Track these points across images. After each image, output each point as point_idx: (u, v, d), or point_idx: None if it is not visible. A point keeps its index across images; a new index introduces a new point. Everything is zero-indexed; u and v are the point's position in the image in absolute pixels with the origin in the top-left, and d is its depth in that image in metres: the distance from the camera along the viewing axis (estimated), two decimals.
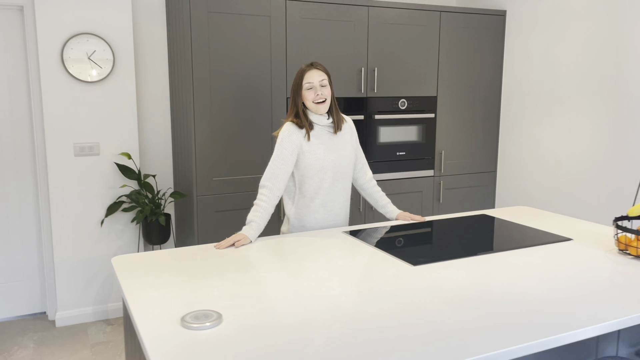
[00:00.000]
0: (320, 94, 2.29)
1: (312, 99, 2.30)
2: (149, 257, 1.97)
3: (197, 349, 1.28)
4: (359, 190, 2.60)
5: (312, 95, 2.29)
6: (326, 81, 2.31)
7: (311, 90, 2.29)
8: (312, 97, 2.29)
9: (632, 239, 1.97)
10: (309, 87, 2.29)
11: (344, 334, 1.36)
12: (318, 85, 2.29)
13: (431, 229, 2.38)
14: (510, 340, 1.32)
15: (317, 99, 2.29)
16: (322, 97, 2.30)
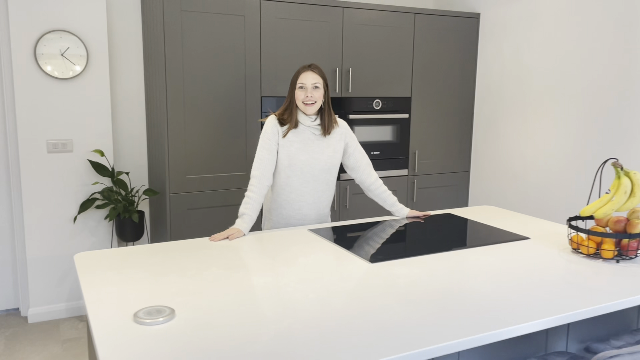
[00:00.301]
0: (310, 96, 2.37)
1: (301, 99, 2.38)
2: (113, 254, 1.99)
3: (148, 344, 1.31)
4: (366, 192, 2.64)
5: (302, 96, 2.37)
6: (320, 85, 2.38)
7: (302, 90, 2.37)
8: (302, 97, 2.38)
9: (584, 239, 2.03)
10: (301, 87, 2.37)
11: (292, 328, 1.40)
12: (310, 87, 2.36)
13: (395, 227, 2.43)
14: (452, 334, 1.37)
15: (307, 100, 2.37)
16: (311, 100, 2.37)
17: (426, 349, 1.31)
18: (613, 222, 2.03)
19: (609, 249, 1.95)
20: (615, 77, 3.22)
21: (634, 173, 1.97)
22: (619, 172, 1.99)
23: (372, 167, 2.63)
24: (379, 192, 2.61)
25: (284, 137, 2.40)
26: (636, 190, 1.97)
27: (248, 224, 2.29)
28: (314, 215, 2.53)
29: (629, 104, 3.16)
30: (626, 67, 3.16)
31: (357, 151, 2.58)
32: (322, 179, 2.49)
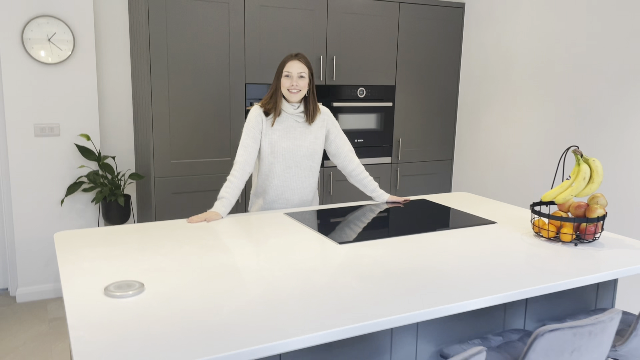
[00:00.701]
0: (296, 85, 2.45)
1: (287, 87, 2.46)
2: (92, 233, 2.07)
3: (116, 316, 1.39)
4: (348, 178, 2.71)
5: (287, 84, 2.46)
6: (305, 74, 2.46)
7: (288, 79, 2.45)
8: (287, 85, 2.46)
9: (546, 223, 2.11)
10: (287, 75, 2.45)
11: (253, 302, 1.48)
12: (296, 76, 2.44)
13: (371, 212, 2.50)
14: (408, 307, 1.45)
15: (292, 88, 2.45)
16: (296, 88, 2.45)
17: (378, 321, 1.39)
18: (574, 208, 2.11)
19: (568, 232, 2.04)
20: (593, 67, 3.29)
21: (592, 160, 2.05)
22: (578, 159, 2.07)
23: (355, 153, 2.71)
24: (360, 177, 2.69)
25: (271, 126, 2.49)
26: (595, 176, 2.04)
27: (226, 208, 2.37)
28: (297, 200, 2.61)
29: (606, 93, 3.23)
30: (605, 56, 3.23)
31: (338, 138, 2.65)
32: (305, 165, 2.57)
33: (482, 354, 1.34)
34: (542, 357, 1.47)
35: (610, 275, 1.80)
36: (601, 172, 2.03)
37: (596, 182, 2.04)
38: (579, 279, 1.73)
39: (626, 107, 3.12)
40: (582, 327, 1.47)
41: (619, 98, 3.15)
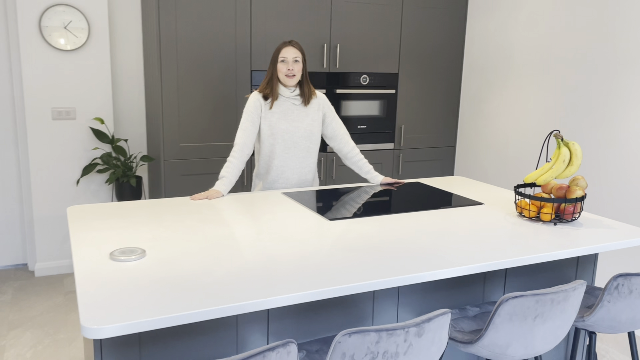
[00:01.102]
0: (291, 69, 2.59)
1: (284, 72, 2.60)
2: (101, 208, 2.24)
3: (119, 276, 1.55)
4: (344, 160, 2.86)
5: (284, 69, 2.60)
6: (299, 59, 2.60)
7: (284, 64, 2.60)
8: (284, 70, 2.60)
9: (528, 203, 2.23)
10: (283, 60, 2.60)
11: (242, 267, 1.63)
12: (291, 61, 2.59)
13: (365, 193, 2.64)
14: (382, 274, 1.59)
15: (288, 72, 2.60)
16: (292, 72, 2.60)
17: (356, 285, 1.53)
18: (556, 189, 2.21)
19: (547, 212, 2.15)
20: (590, 55, 3.36)
21: (572, 144, 2.15)
22: (559, 143, 2.17)
23: (350, 137, 2.84)
24: (355, 159, 2.82)
25: (270, 109, 2.63)
26: (574, 159, 2.15)
27: (227, 186, 2.53)
28: (297, 179, 2.76)
29: (602, 80, 3.31)
30: (603, 43, 3.30)
31: (334, 121, 2.79)
32: (303, 146, 2.71)
33: (446, 315, 1.47)
34: (507, 322, 1.59)
35: (584, 250, 1.91)
36: (580, 155, 2.13)
37: (575, 165, 2.15)
38: (555, 252, 1.85)
39: (619, 94, 3.19)
40: (544, 295, 1.59)
41: (613, 85, 3.23)
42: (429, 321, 1.42)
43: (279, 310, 1.74)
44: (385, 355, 1.38)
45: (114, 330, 1.27)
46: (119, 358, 1.52)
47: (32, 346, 2.87)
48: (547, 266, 2.24)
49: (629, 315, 1.83)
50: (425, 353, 1.45)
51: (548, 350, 1.73)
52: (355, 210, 2.29)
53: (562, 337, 1.72)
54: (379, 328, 1.35)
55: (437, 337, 1.47)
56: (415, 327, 1.40)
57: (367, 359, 1.37)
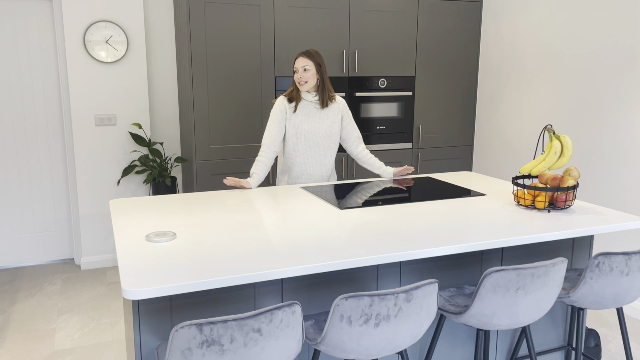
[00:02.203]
0: (301, 77, 2.87)
1: (297, 80, 2.90)
2: (139, 200, 2.53)
3: (154, 254, 1.82)
4: (356, 159, 3.12)
5: (296, 77, 2.90)
6: (308, 67, 2.88)
7: (296, 73, 2.90)
8: (296, 79, 2.90)
9: (525, 193, 2.41)
10: (295, 70, 2.90)
11: (259, 247, 1.88)
12: (300, 70, 2.87)
13: (376, 186, 2.86)
14: (381, 251, 1.81)
15: (300, 81, 2.89)
16: (303, 80, 2.88)
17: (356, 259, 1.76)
18: (551, 179, 2.39)
19: (542, 200, 2.32)
20: (599, 55, 3.50)
21: (563, 137, 2.32)
22: (551, 136, 2.35)
23: (362, 141, 3.09)
24: (366, 158, 3.07)
25: (294, 113, 2.90)
26: (565, 151, 2.32)
27: (256, 181, 2.82)
28: (318, 175, 3.02)
29: (612, 79, 3.44)
30: (610, 43, 3.44)
31: (349, 125, 3.05)
32: (323, 145, 2.98)
33: (433, 285, 1.69)
34: (491, 293, 1.79)
35: (573, 233, 2.09)
36: (570, 146, 2.31)
37: (566, 156, 2.32)
38: (545, 234, 2.03)
39: (627, 93, 3.32)
40: (524, 269, 1.78)
41: (622, 84, 3.36)
42: (416, 289, 1.63)
43: (292, 286, 1.98)
44: (378, 317, 1.60)
45: (148, 293, 1.54)
46: (154, 322, 1.79)
47: (79, 329, 3.20)
48: (543, 251, 2.42)
49: (612, 291, 2.00)
50: (414, 317, 1.67)
51: (533, 321, 1.91)
52: (364, 200, 2.52)
53: (545, 309, 1.90)
54: (372, 293, 1.58)
55: (426, 303, 1.68)
56: (404, 293, 1.62)
57: (362, 320, 1.60)
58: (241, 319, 1.43)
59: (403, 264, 2.16)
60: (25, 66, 3.92)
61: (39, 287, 3.80)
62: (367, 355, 1.68)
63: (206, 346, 1.42)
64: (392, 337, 1.65)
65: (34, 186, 4.10)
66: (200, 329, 1.41)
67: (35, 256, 4.21)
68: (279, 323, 1.49)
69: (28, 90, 3.96)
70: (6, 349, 2.95)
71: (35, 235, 4.17)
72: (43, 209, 4.15)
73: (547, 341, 2.53)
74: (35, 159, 4.06)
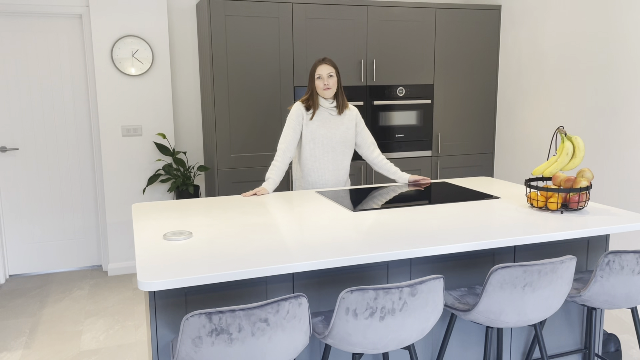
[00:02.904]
0: (327, 84, 2.95)
1: (321, 87, 2.96)
2: (159, 204, 2.63)
3: (170, 251, 1.90)
4: (372, 165, 3.18)
5: (321, 85, 2.96)
6: (333, 73, 2.96)
7: (320, 80, 2.96)
8: (321, 86, 2.96)
9: (537, 194, 2.42)
10: (319, 77, 2.96)
11: (271, 245, 1.94)
12: (326, 76, 2.94)
13: (391, 190, 2.90)
14: (393, 247, 1.85)
15: (325, 87, 2.95)
16: (328, 86, 2.96)
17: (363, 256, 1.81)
18: (564, 181, 2.39)
19: (554, 201, 2.33)
20: (615, 58, 3.48)
21: (575, 138, 2.33)
22: (563, 138, 2.36)
23: (377, 146, 3.15)
24: (382, 164, 3.12)
25: (311, 120, 2.97)
26: (577, 152, 2.33)
27: (272, 186, 2.89)
28: (334, 180, 3.08)
29: (627, 82, 3.42)
30: (626, 48, 3.42)
31: (364, 131, 3.11)
32: (339, 150, 3.04)
33: (439, 280, 1.72)
34: (498, 289, 1.81)
35: (584, 232, 2.09)
36: (582, 147, 2.31)
37: (578, 157, 2.32)
38: (556, 233, 2.04)
39: None
40: (531, 265, 1.80)
41: (636, 86, 3.33)
42: (421, 283, 1.67)
43: (303, 283, 2.04)
44: (383, 310, 1.64)
45: (162, 285, 1.61)
46: (169, 316, 1.87)
47: (105, 330, 3.30)
48: (556, 253, 2.41)
49: (623, 290, 1.99)
50: (419, 312, 1.70)
51: (541, 319, 1.91)
52: (377, 203, 2.56)
53: (554, 307, 1.91)
54: (377, 287, 1.62)
55: (431, 298, 1.71)
56: (408, 287, 1.65)
57: (367, 313, 1.64)
58: (248, 309, 1.49)
59: (414, 264, 2.19)
60: (57, 80, 4.11)
61: (68, 292, 3.93)
62: (373, 349, 1.71)
63: (215, 334, 1.48)
64: (398, 330, 1.69)
65: (64, 195, 4.26)
66: (210, 317, 1.47)
67: (65, 263, 4.36)
68: (286, 314, 1.55)
69: (59, 103, 4.14)
70: (35, 349, 3.07)
71: (65, 242, 4.33)
72: (72, 216, 4.31)
73: (564, 344, 2.52)
74: (65, 168, 4.23)
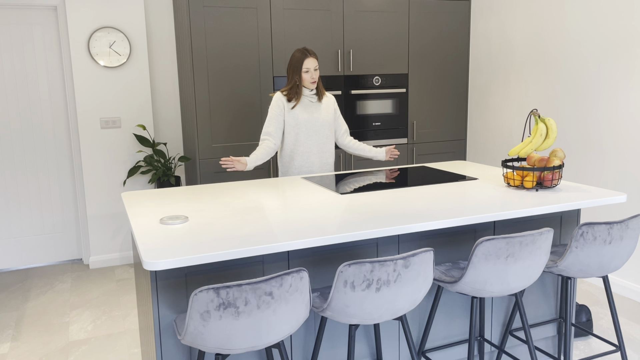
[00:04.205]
0: (314, 77, 3.05)
1: (308, 81, 3.05)
2: (148, 192, 2.67)
3: (169, 234, 1.95)
4: (346, 149, 3.30)
5: (309, 78, 3.05)
6: (317, 66, 3.06)
7: (308, 73, 3.05)
8: (309, 79, 3.05)
9: (513, 174, 2.55)
10: (307, 71, 3.04)
11: (265, 226, 2.01)
12: (313, 70, 3.04)
13: (373, 174, 3.00)
14: (382, 225, 1.95)
15: (313, 80, 3.05)
16: (314, 79, 3.07)
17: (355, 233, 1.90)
18: (538, 161, 2.53)
19: (530, 180, 2.47)
20: (579, 45, 3.67)
21: (548, 119, 2.47)
22: (537, 119, 2.50)
23: (349, 133, 3.27)
24: (356, 146, 3.26)
25: (292, 109, 3.06)
26: (550, 133, 2.47)
27: (252, 161, 3.00)
28: (319, 163, 3.17)
29: (590, 66, 3.60)
30: (589, 34, 3.60)
31: (339, 118, 3.25)
32: (323, 133, 3.14)
33: (429, 253, 1.83)
34: (483, 260, 1.93)
35: (559, 207, 2.23)
36: (555, 128, 2.45)
37: (551, 138, 2.47)
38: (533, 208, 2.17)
39: (606, 80, 3.48)
40: (512, 237, 1.92)
41: (602, 72, 3.52)
42: (413, 255, 1.77)
43: (297, 262, 2.12)
44: (379, 282, 1.74)
45: (166, 264, 1.67)
46: (170, 296, 1.92)
47: (92, 321, 3.32)
48: (532, 228, 2.56)
49: (595, 260, 2.14)
50: (412, 283, 1.80)
51: (523, 288, 2.05)
52: (362, 187, 2.66)
53: (534, 276, 2.04)
54: (373, 260, 1.72)
55: (423, 269, 1.82)
56: (402, 260, 1.75)
57: (364, 285, 1.73)
58: (254, 283, 1.57)
59: (401, 241, 2.30)
60: (32, 72, 4.06)
61: (50, 285, 3.92)
62: (369, 320, 1.81)
63: (223, 308, 1.55)
64: (392, 301, 1.79)
65: (42, 189, 4.23)
66: (218, 292, 1.54)
67: (44, 257, 4.33)
68: (289, 287, 1.63)
69: (35, 96, 4.10)
70: (23, 341, 3.07)
71: (44, 236, 4.29)
72: (51, 210, 4.28)
73: (540, 314, 2.67)
74: (42, 162, 4.20)
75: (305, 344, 2.19)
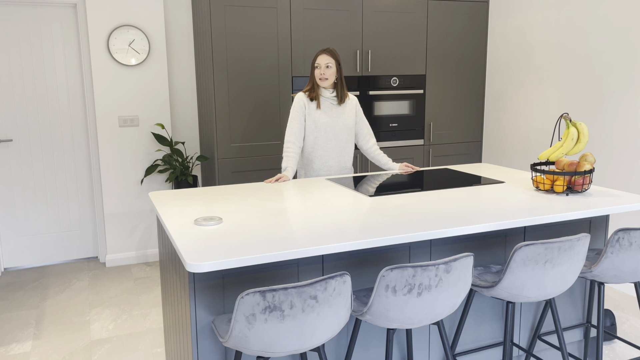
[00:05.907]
0: (323, 74, 3.00)
1: (318, 77, 3.02)
2: (177, 192, 2.66)
3: (205, 236, 1.95)
4: (365, 154, 3.27)
5: (318, 74, 3.02)
6: (331, 64, 3.01)
7: (318, 69, 3.02)
8: (318, 75, 3.02)
9: (543, 178, 2.55)
10: (317, 67, 3.02)
11: (301, 228, 2.01)
12: (323, 66, 3.00)
13: (399, 176, 2.99)
14: (415, 229, 1.94)
15: (321, 77, 3.01)
16: (324, 76, 3.01)
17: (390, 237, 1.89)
18: (567, 165, 2.53)
19: (560, 184, 2.46)
20: (601, 47, 3.65)
21: (579, 124, 2.46)
22: (568, 124, 2.49)
23: (373, 136, 3.24)
24: (375, 153, 3.23)
25: (315, 109, 3.04)
26: (581, 137, 2.46)
27: (291, 174, 2.97)
28: (338, 167, 3.16)
29: (613, 69, 3.59)
30: (611, 37, 3.59)
31: (361, 121, 3.22)
32: (342, 137, 3.12)
33: (469, 257, 1.82)
34: (521, 265, 1.93)
35: (591, 212, 2.22)
36: (587, 133, 2.45)
37: (583, 142, 2.46)
38: (565, 214, 2.17)
39: (627, 83, 3.47)
40: (551, 243, 1.91)
41: (622, 75, 3.51)
42: (455, 260, 1.77)
43: (332, 265, 2.11)
44: (420, 287, 1.73)
45: (210, 266, 1.67)
46: (208, 298, 1.92)
47: (113, 320, 3.31)
48: (562, 233, 2.55)
49: (630, 265, 2.13)
50: (452, 287, 1.80)
51: (559, 293, 2.04)
52: (391, 189, 2.65)
53: (570, 282, 2.04)
54: (415, 264, 1.71)
55: (462, 274, 1.81)
56: (444, 265, 1.75)
57: (406, 290, 1.73)
58: (300, 287, 1.56)
59: (433, 246, 2.29)
60: (50, 70, 4.05)
61: (68, 283, 3.91)
62: (409, 324, 1.81)
63: (268, 312, 1.55)
64: (433, 306, 1.78)
65: (60, 186, 4.22)
66: (264, 295, 1.54)
67: (61, 255, 4.33)
68: (332, 291, 1.62)
69: (53, 93, 4.09)
70: (44, 340, 3.07)
71: (61, 234, 4.29)
72: (68, 208, 4.27)
73: (567, 319, 2.67)
74: (60, 160, 4.19)
75: (338, 346, 2.19)
